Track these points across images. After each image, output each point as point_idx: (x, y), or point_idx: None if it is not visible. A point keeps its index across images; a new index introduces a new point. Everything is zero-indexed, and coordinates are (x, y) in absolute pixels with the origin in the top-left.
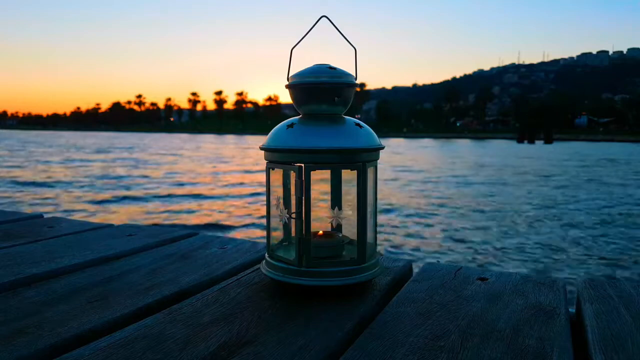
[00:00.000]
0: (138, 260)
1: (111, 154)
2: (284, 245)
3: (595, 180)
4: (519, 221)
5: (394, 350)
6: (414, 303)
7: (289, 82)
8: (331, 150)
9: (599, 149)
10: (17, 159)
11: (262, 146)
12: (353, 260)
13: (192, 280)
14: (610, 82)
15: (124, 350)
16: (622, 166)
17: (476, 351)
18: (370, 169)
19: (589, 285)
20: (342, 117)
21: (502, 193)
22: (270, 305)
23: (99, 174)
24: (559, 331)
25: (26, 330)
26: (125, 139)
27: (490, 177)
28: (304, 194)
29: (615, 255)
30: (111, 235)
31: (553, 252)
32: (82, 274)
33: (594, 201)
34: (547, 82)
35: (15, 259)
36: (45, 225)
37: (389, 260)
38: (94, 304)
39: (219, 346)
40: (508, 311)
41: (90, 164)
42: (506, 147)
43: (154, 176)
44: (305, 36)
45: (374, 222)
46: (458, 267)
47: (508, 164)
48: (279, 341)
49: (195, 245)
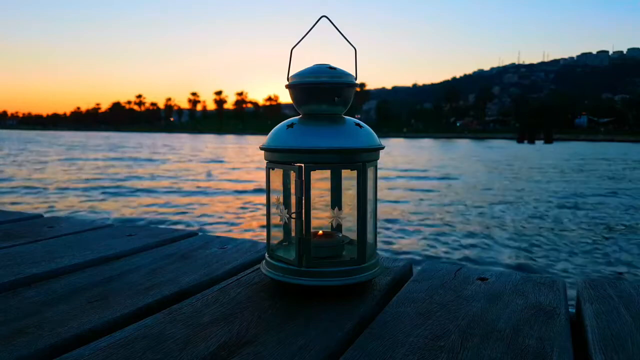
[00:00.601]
0: (138, 260)
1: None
2: (284, 245)
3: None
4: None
5: (394, 350)
6: (414, 303)
7: (289, 82)
8: (331, 150)
9: (595, 149)
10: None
11: (262, 146)
12: (353, 260)
13: (192, 280)
14: (610, 82)
15: (124, 350)
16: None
17: (476, 351)
18: (370, 169)
19: (589, 285)
20: (342, 117)
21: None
22: (270, 305)
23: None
24: (559, 331)
25: (26, 330)
26: (144, 139)
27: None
28: (304, 194)
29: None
30: (111, 235)
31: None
32: (82, 274)
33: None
34: (547, 82)
35: (15, 259)
36: (45, 225)
37: (389, 260)
38: (94, 304)
39: (219, 346)
40: (508, 311)
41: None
42: (507, 147)
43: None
44: (305, 36)
45: (374, 222)
46: (458, 267)
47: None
48: (279, 341)
49: (195, 245)
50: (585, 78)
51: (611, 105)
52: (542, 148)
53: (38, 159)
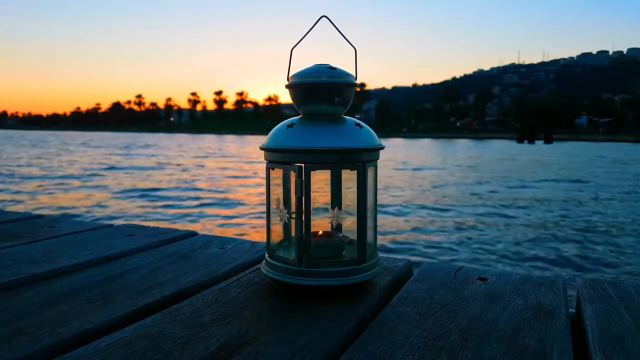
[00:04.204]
0: (138, 260)
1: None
2: (284, 245)
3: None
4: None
5: (394, 350)
6: (414, 303)
7: (289, 82)
8: (331, 150)
9: (591, 149)
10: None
11: (262, 146)
12: (353, 260)
13: (192, 280)
14: (610, 82)
15: (124, 350)
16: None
17: (476, 351)
18: (370, 169)
19: (589, 285)
20: (342, 117)
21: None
22: (270, 305)
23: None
24: (559, 331)
25: (26, 330)
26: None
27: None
28: (304, 194)
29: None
30: (111, 236)
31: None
32: (82, 274)
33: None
34: (547, 82)
35: (15, 259)
36: (45, 225)
37: (389, 260)
38: (94, 304)
39: (219, 346)
40: (508, 311)
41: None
42: (508, 147)
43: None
44: (305, 36)
45: (374, 222)
46: (458, 267)
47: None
48: (279, 341)
49: (195, 245)
50: (585, 78)
51: (611, 105)
52: (542, 148)
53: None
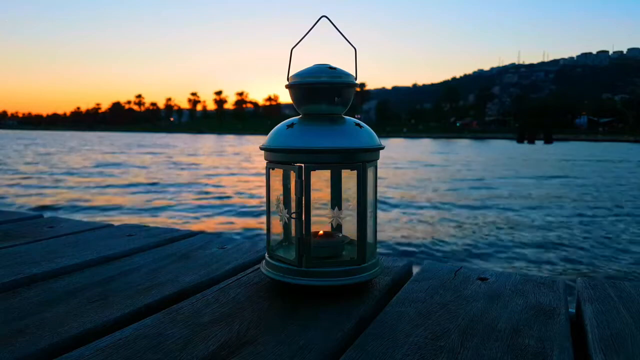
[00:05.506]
0: (138, 260)
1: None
2: (284, 245)
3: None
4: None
5: (394, 350)
6: (414, 303)
7: (289, 82)
8: (331, 150)
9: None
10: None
11: (262, 146)
12: (353, 260)
13: (192, 280)
14: (610, 82)
15: (124, 350)
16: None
17: (476, 351)
18: (370, 169)
19: (589, 285)
20: (342, 117)
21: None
22: (270, 305)
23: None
24: (559, 331)
25: (26, 330)
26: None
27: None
28: (304, 194)
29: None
30: (111, 235)
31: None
32: (82, 274)
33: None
34: (547, 82)
35: (15, 259)
36: (45, 225)
37: (389, 260)
38: (94, 304)
39: (219, 346)
40: (508, 311)
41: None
42: (508, 147)
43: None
44: (305, 36)
45: (373, 222)
46: (458, 267)
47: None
48: (279, 341)
49: (195, 245)
50: (585, 78)
51: (611, 105)
52: (542, 148)
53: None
